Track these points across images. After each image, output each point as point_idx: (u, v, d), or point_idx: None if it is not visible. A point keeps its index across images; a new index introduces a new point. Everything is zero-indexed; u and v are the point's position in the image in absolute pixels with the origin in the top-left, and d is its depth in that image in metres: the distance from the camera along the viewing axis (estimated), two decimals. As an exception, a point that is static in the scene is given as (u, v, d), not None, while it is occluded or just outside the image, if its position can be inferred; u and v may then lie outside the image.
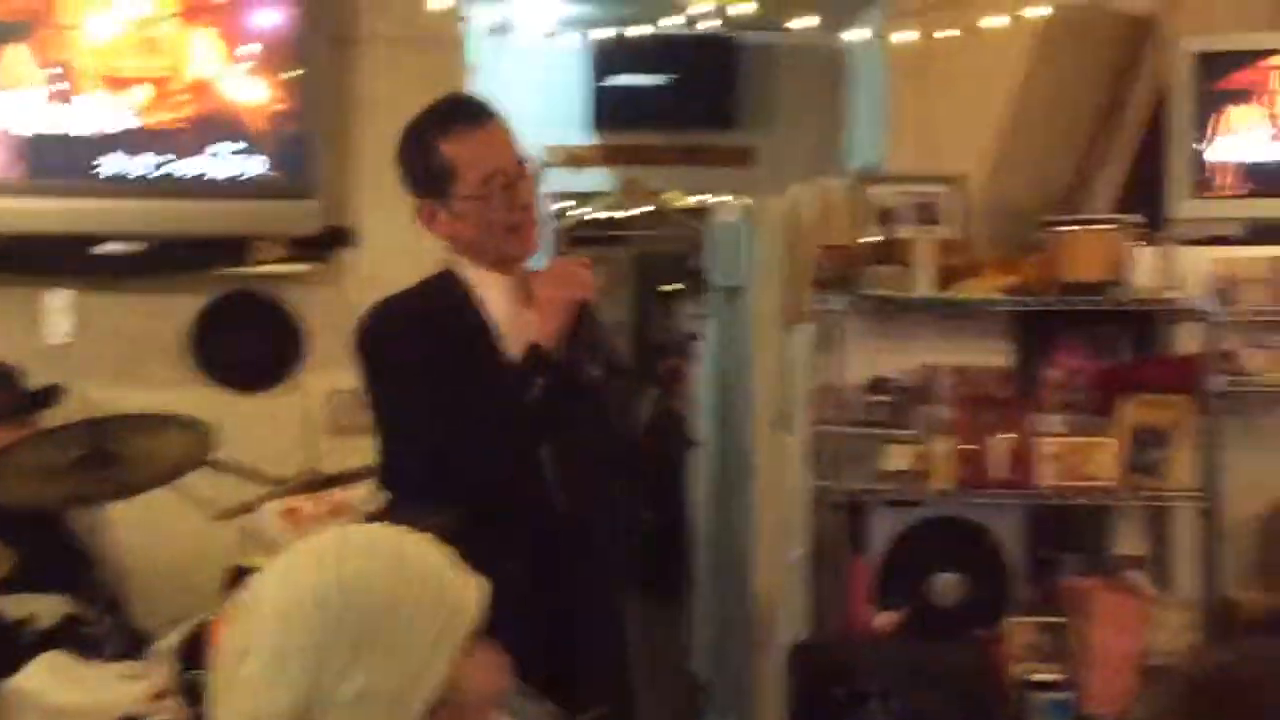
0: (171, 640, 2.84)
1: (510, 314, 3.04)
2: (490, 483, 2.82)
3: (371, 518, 2.59)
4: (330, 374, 5.24)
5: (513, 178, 2.99)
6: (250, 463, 4.91)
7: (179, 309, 5.20)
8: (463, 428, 2.84)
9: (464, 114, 3.07)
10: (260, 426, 5.09)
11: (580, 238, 8.60)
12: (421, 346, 2.95)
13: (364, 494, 2.57)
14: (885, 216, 4.64)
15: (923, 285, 4.50)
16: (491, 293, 3.04)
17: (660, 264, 12.38)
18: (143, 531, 4.75)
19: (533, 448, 2.91)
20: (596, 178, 6.71)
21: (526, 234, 3.03)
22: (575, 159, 6.62)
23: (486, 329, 3.02)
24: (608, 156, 6.66)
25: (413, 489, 2.82)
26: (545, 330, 2.91)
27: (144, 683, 2.34)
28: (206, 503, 4.71)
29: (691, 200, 8.36)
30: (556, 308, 2.93)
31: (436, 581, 1.59)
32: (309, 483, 4.52)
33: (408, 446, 2.92)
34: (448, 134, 3.00)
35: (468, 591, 1.61)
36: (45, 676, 2.51)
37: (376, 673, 1.52)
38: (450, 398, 2.87)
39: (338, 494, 2.56)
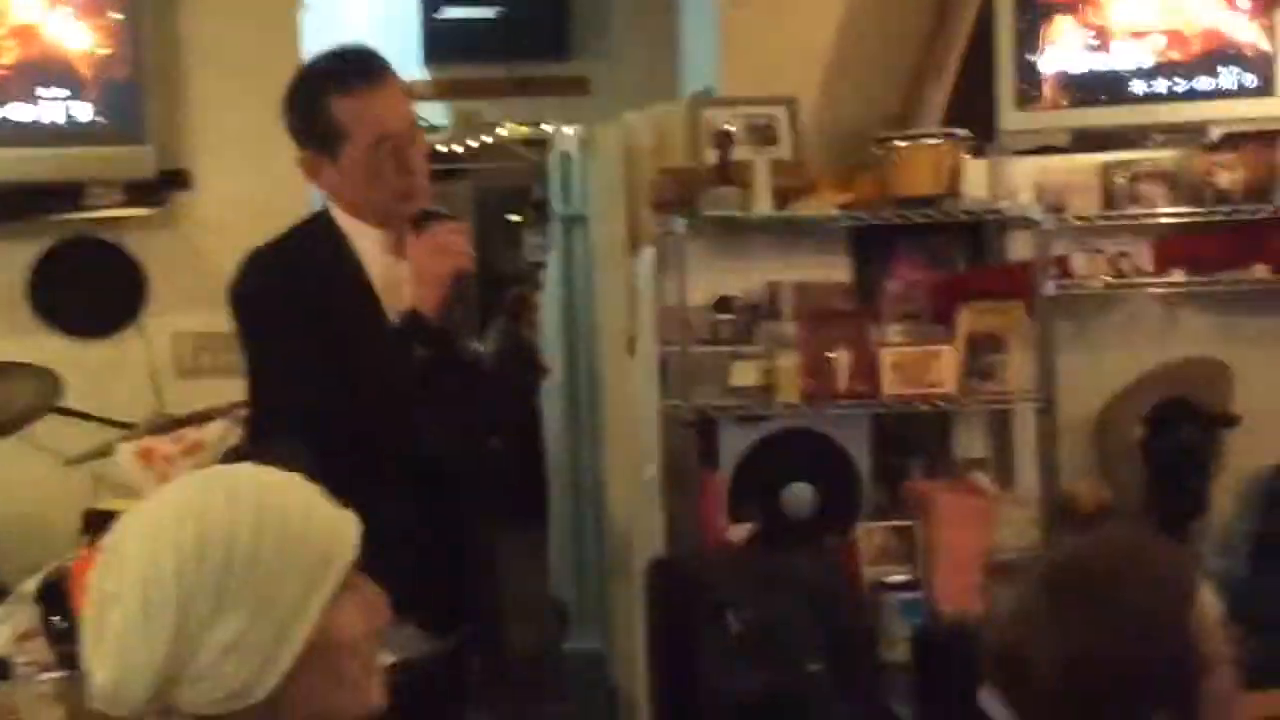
0: (30, 585, 2.83)
1: (385, 265, 3.01)
2: (364, 436, 2.81)
3: (228, 455, 2.60)
4: (173, 317, 5.21)
5: (404, 142, 2.93)
6: (97, 409, 4.90)
7: (15, 257, 5.12)
8: (339, 382, 2.82)
9: (359, 71, 2.96)
10: (105, 373, 5.04)
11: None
12: (298, 298, 2.91)
13: (219, 432, 2.58)
14: (721, 139, 4.70)
15: (761, 205, 4.59)
16: (367, 243, 3.00)
17: (501, 196, 12.37)
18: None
19: (408, 410, 2.90)
20: (430, 111, 6.69)
21: (414, 198, 2.99)
22: (409, 93, 6.60)
23: (363, 281, 2.99)
24: (441, 90, 6.66)
25: (285, 440, 2.82)
26: (426, 300, 2.90)
27: (5, 625, 2.34)
28: (56, 450, 4.69)
29: (527, 131, 8.40)
30: (436, 279, 2.91)
31: (303, 525, 1.58)
32: (159, 425, 4.51)
33: (282, 399, 2.89)
34: (341, 91, 2.91)
35: (338, 531, 1.61)
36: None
37: (244, 621, 1.52)
38: (327, 351, 2.85)
39: (192, 433, 2.56)
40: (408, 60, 6.53)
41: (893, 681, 4.20)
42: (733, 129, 4.75)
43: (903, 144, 4.63)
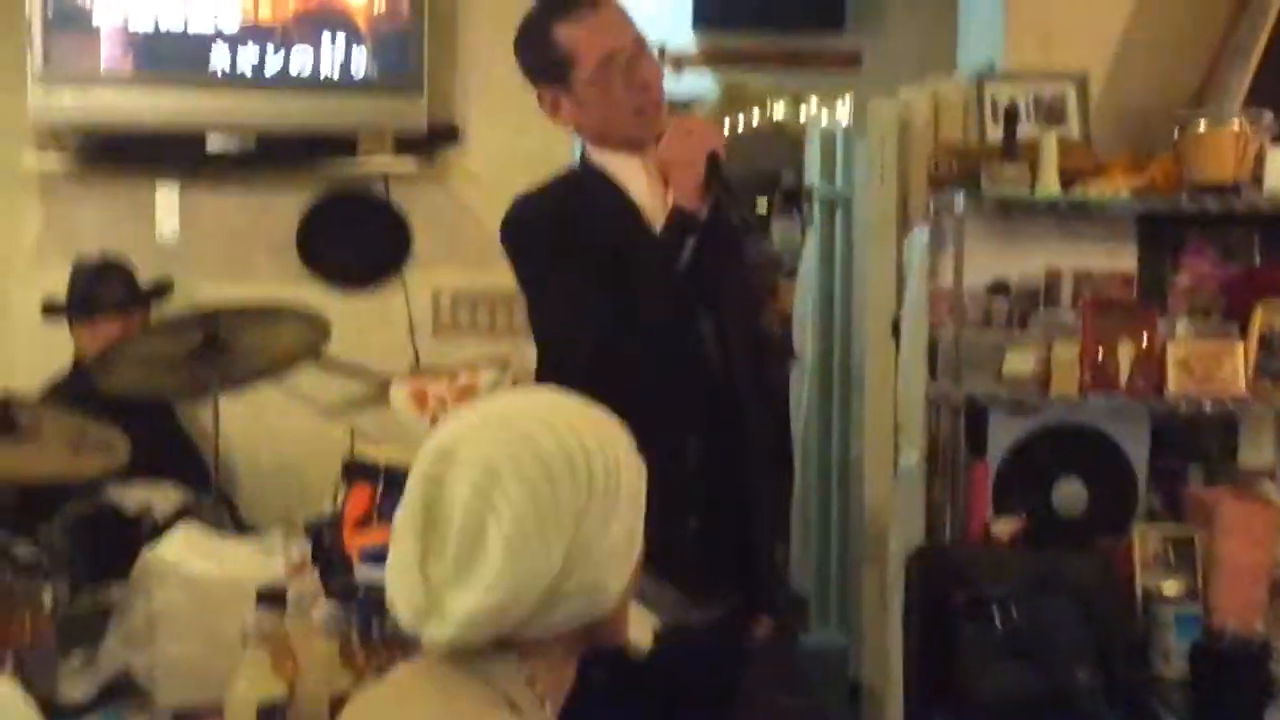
0: (299, 520, 2.84)
1: (652, 194, 3.00)
2: (655, 359, 2.76)
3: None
4: (435, 273, 5.22)
5: (632, 57, 2.95)
6: (355, 362, 4.92)
7: (285, 208, 5.17)
8: (623, 310, 2.79)
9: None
10: (365, 325, 5.07)
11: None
12: (571, 231, 2.91)
13: (492, 379, 2.51)
14: (1005, 115, 4.50)
15: (1047, 186, 4.37)
16: (628, 173, 3.00)
17: (749, 183, 12.26)
18: (253, 428, 4.75)
19: (691, 310, 2.86)
20: (698, 81, 6.59)
21: (652, 114, 3.00)
22: (675, 61, 6.51)
23: (633, 212, 2.98)
24: (709, 58, 6.55)
25: (578, 376, 2.78)
26: (684, 189, 2.87)
27: (279, 556, 2.32)
28: (312, 400, 4.71)
29: (788, 112, 8.27)
30: (688, 165, 2.88)
31: (629, 440, 1.70)
32: (419, 378, 4.50)
33: (569, 334, 2.86)
34: (562, 19, 2.97)
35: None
36: (183, 548, 2.49)
37: (622, 522, 1.63)
38: (607, 283, 2.83)
39: (466, 377, 2.50)
40: (678, 26, 6.45)
41: (1166, 697, 3.97)
42: (1017, 105, 4.54)
43: (1202, 126, 4.37)
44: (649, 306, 2.77)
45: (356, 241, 5.18)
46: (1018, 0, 5.38)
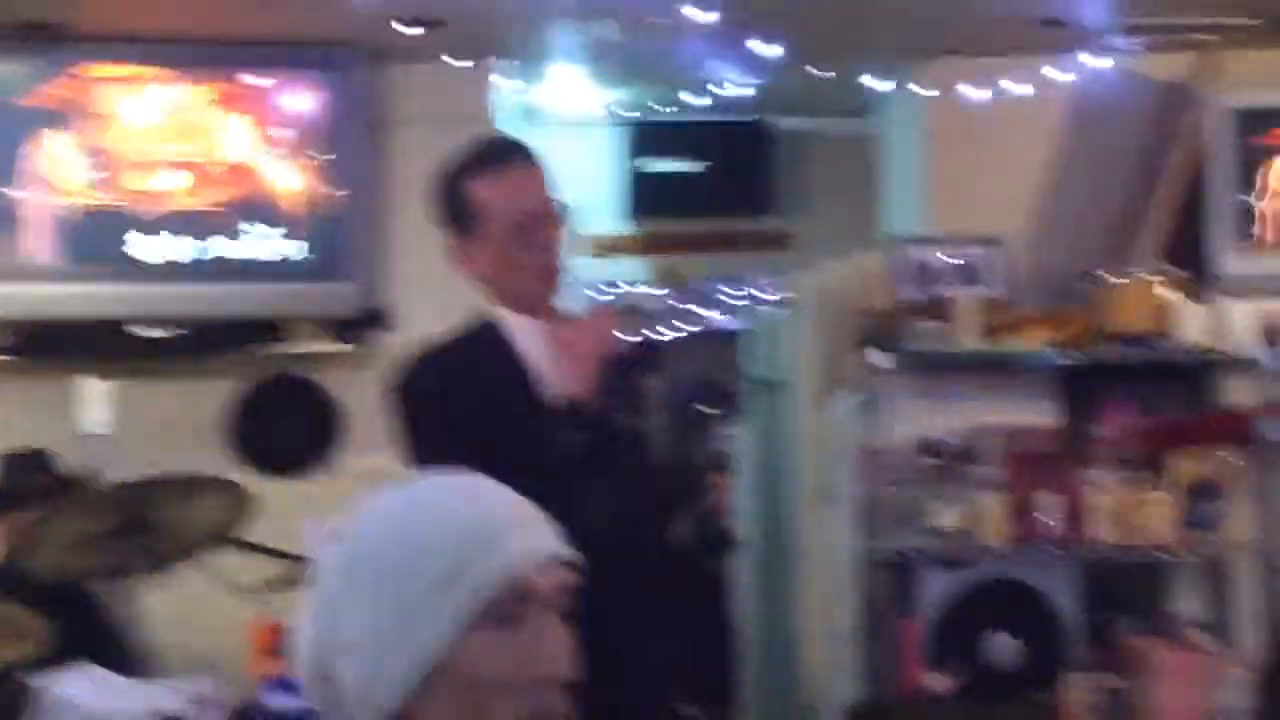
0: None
1: (551, 360, 3.01)
2: None
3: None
4: (368, 457, 5.22)
5: (540, 219, 2.96)
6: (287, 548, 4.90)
7: (215, 394, 5.19)
8: (503, 477, 2.79)
9: (495, 155, 3.05)
10: (296, 511, 5.04)
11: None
12: (462, 395, 2.90)
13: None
14: (926, 277, 4.60)
15: (967, 340, 4.46)
16: (531, 340, 2.98)
17: (693, 385, 12.43)
18: (175, 611, 4.70)
19: (571, 495, 2.84)
20: (633, 266, 6.70)
21: (551, 280, 3.00)
22: (611, 247, 6.63)
23: (527, 378, 2.97)
24: (645, 244, 6.66)
25: None
26: (573, 381, 2.88)
27: (181, 692, 2.30)
28: (234, 584, 4.69)
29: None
30: (582, 358, 2.89)
31: (436, 533, 1.51)
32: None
33: None
34: (477, 174, 2.99)
35: (482, 551, 1.51)
36: (83, 685, 2.48)
37: (376, 613, 1.48)
38: (492, 448, 2.82)
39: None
40: (612, 214, 6.57)
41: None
42: (937, 267, 4.65)
43: (1114, 280, 4.48)
44: (528, 481, 2.72)
45: (287, 427, 5.20)
46: (937, 175, 5.55)
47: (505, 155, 3.04)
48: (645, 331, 10.03)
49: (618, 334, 2.96)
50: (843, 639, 4.69)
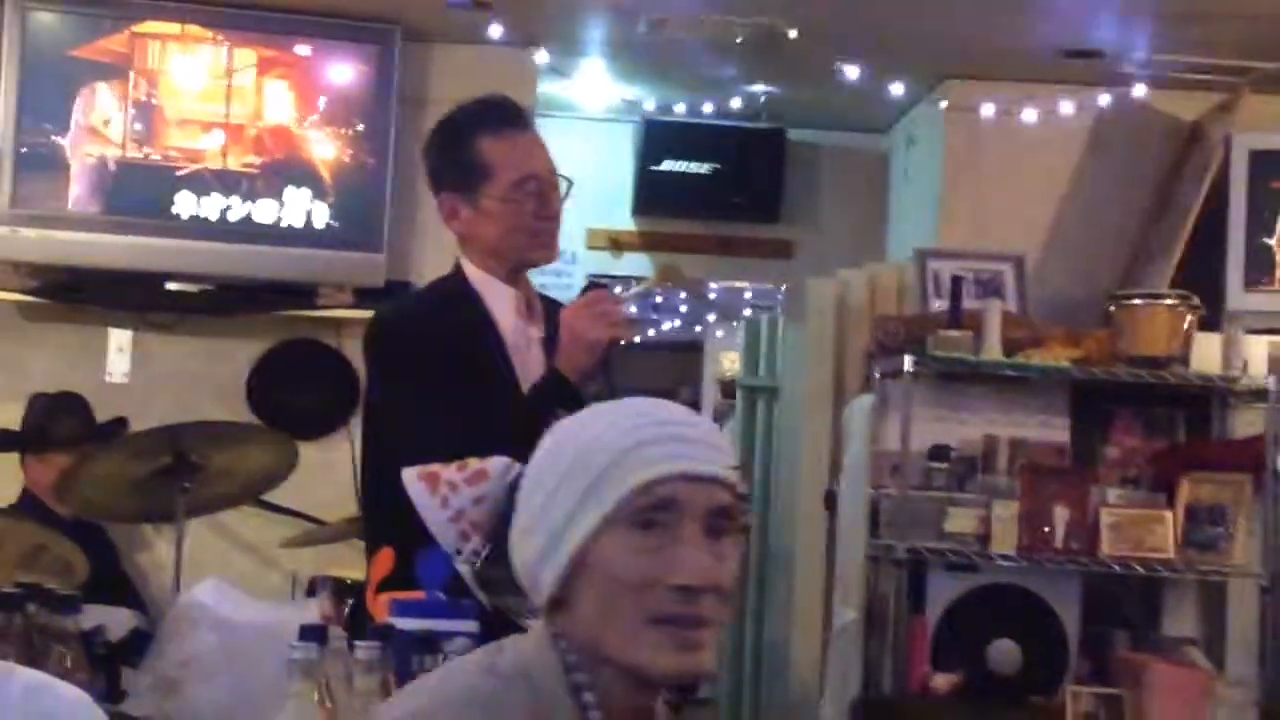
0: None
1: (515, 327, 3.01)
2: None
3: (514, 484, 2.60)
4: (384, 426, 5.28)
5: (546, 185, 2.98)
6: (304, 508, 4.97)
7: (239, 353, 5.24)
8: (472, 434, 2.78)
9: (508, 115, 3.04)
10: (309, 474, 5.09)
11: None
12: (436, 348, 2.90)
13: (505, 463, 2.59)
14: (951, 283, 4.71)
15: (991, 351, 4.57)
16: (500, 303, 3.00)
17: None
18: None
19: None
20: (636, 263, 6.78)
21: (549, 241, 3.02)
22: (616, 243, 6.71)
23: (496, 339, 2.98)
24: (648, 241, 6.75)
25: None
26: (575, 363, 2.87)
27: (309, 610, 2.36)
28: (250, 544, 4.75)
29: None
30: (591, 343, 2.87)
31: (590, 442, 1.67)
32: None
33: (412, 445, 2.73)
34: (488, 131, 2.97)
35: (627, 464, 1.65)
36: (216, 594, 2.52)
37: (546, 506, 1.67)
38: (462, 404, 2.81)
39: (475, 462, 2.58)
40: (619, 209, 6.66)
41: None
42: (959, 279, 4.76)
43: (1136, 302, 4.61)
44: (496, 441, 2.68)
45: (307, 391, 5.25)
46: (952, 192, 5.67)
47: (518, 117, 3.05)
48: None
49: (620, 323, 2.94)
50: (845, 638, 4.77)
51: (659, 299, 8.47)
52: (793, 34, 5.13)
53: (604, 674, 1.66)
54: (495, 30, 5.23)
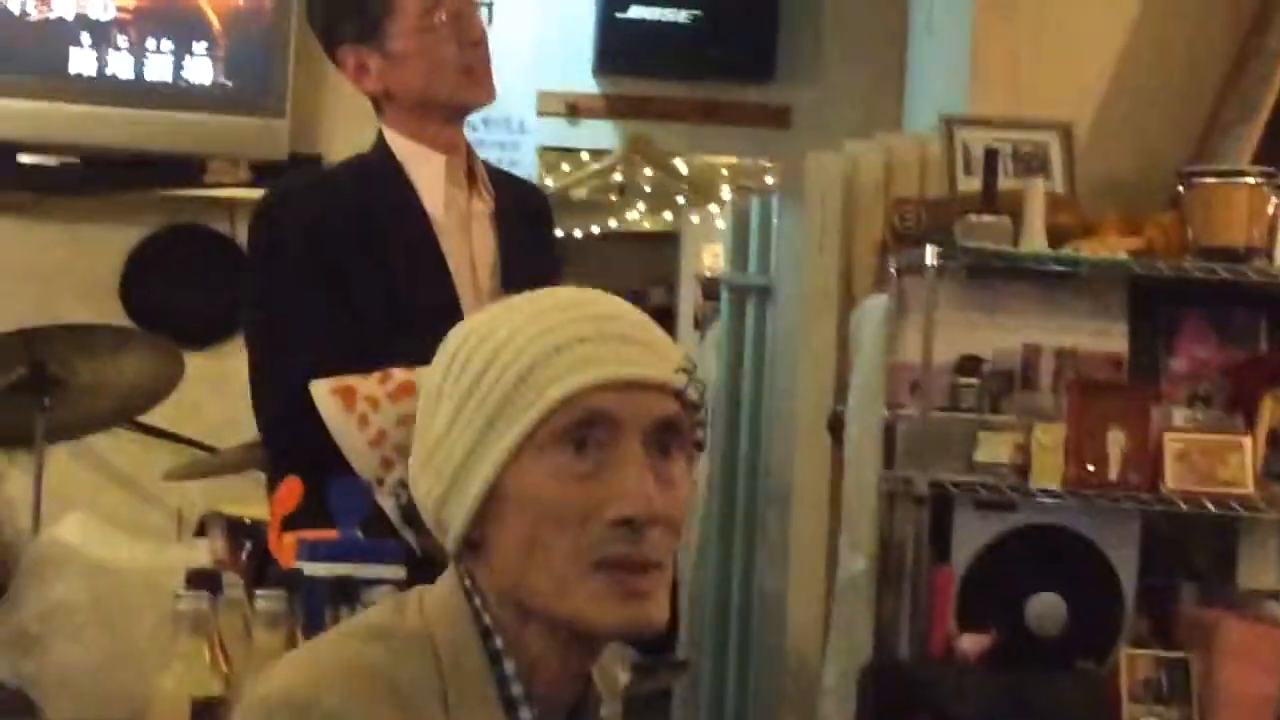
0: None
1: (448, 197, 3.03)
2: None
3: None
4: (288, 332, 5.27)
5: (462, 5, 2.99)
6: (183, 430, 4.97)
7: (110, 240, 5.22)
8: (365, 347, 2.79)
9: None
10: (201, 390, 5.09)
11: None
12: (328, 236, 2.92)
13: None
14: (985, 158, 4.69)
15: (1033, 240, 4.57)
16: (425, 171, 3.03)
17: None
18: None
19: None
20: (598, 131, 6.75)
21: (483, 76, 3.02)
22: (573, 108, 6.67)
23: (418, 220, 3.00)
24: (614, 108, 6.71)
25: (284, 407, 2.80)
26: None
27: (198, 549, 2.37)
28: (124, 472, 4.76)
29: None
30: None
31: (533, 340, 1.64)
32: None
33: (295, 354, 2.84)
34: None
35: (572, 365, 1.63)
36: (85, 532, 2.52)
37: (452, 423, 1.64)
38: (352, 308, 2.86)
39: (401, 373, 2.59)
40: (577, 67, 6.61)
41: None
42: (993, 154, 4.74)
43: (1210, 181, 4.60)
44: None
45: (193, 288, 5.23)
46: (985, 46, 5.64)
47: None
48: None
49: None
50: (853, 589, 4.81)
51: (622, 178, 8.43)
52: None
53: (528, 632, 1.65)
54: None
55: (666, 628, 1.68)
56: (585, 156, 7.55)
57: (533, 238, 3.15)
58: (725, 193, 8.21)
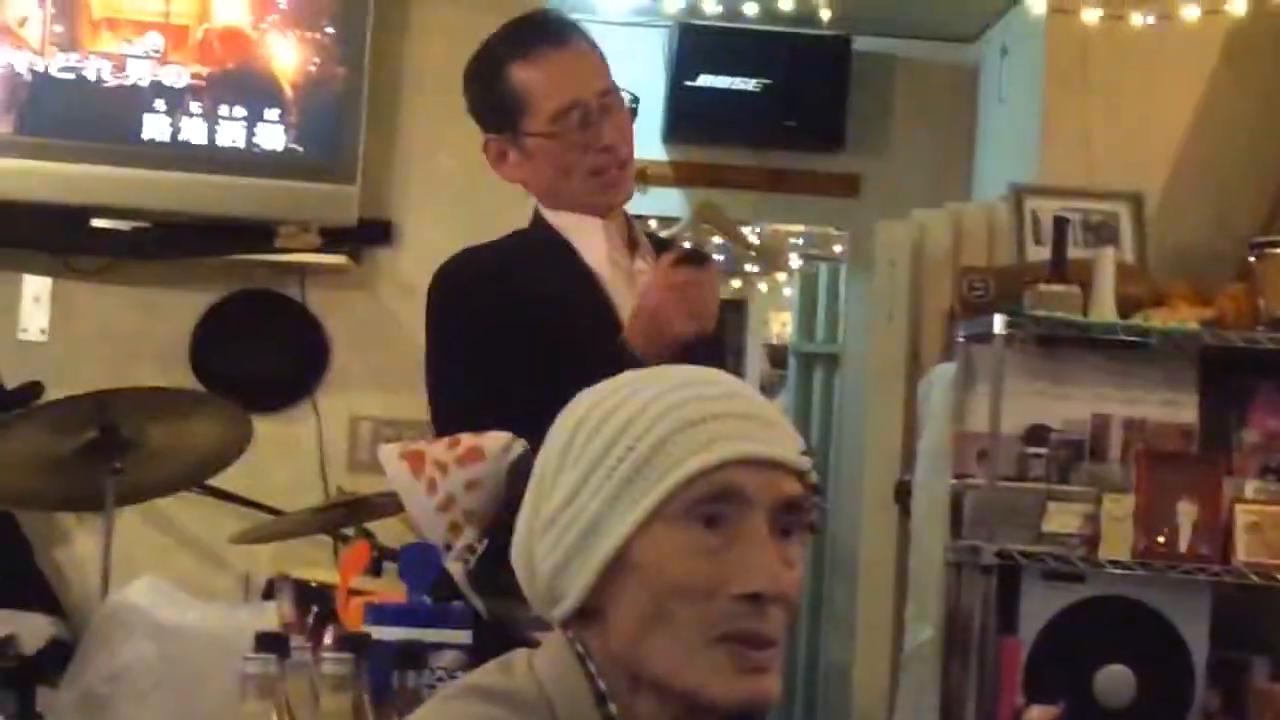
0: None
1: (612, 262, 3.04)
2: None
3: (516, 468, 2.62)
4: (355, 396, 5.30)
5: (595, 111, 2.98)
6: (251, 495, 5.00)
7: (181, 306, 5.25)
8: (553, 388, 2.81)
9: (543, 33, 3.06)
10: (269, 454, 5.10)
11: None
12: (497, 305, 2.94)
13: (503, 441, 2.61)
14: (1055, 226, 4.69)
15: (1103, 310, 4.56)
16: (587, 238, 3.04)
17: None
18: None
19: None
20: (666, 200, 6.76)
21: (612, 178, 3.03)
22: (642, 175, 6.69)
23: (586, 278, 3.02)
24: (682, 176, 6.74)
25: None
26: (649, 350, 2.87)
27: (266, 613, 2.38)
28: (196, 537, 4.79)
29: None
30: (671, 336, 2.88)
31: (649, 417, 1.65)
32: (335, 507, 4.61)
33: (476, 414, 2.81)
34: (519, 57, 3.01)
35: (681, 447, 1.64)
36: (154, 594, 2.54)
37: (575, 492, 1.65)
38: (540, 359, 2.86)
39: (468, 439, 2.61)
40: (646, 135, 6.62)
41: None
42: (1069, 219, 4.75)
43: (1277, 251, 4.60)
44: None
45: (262, 352, 5.26)
46: (1056, 116, 5.65)
47: (553, 34, 3.05)
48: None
49: (711, 312, 2.95)
50: (919, 661, 4.79)
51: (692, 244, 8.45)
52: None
53: (639, 700, 1.66)
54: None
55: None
56: (654, 224, 7.54)
57: None
58: (794, 261, 8.23)
